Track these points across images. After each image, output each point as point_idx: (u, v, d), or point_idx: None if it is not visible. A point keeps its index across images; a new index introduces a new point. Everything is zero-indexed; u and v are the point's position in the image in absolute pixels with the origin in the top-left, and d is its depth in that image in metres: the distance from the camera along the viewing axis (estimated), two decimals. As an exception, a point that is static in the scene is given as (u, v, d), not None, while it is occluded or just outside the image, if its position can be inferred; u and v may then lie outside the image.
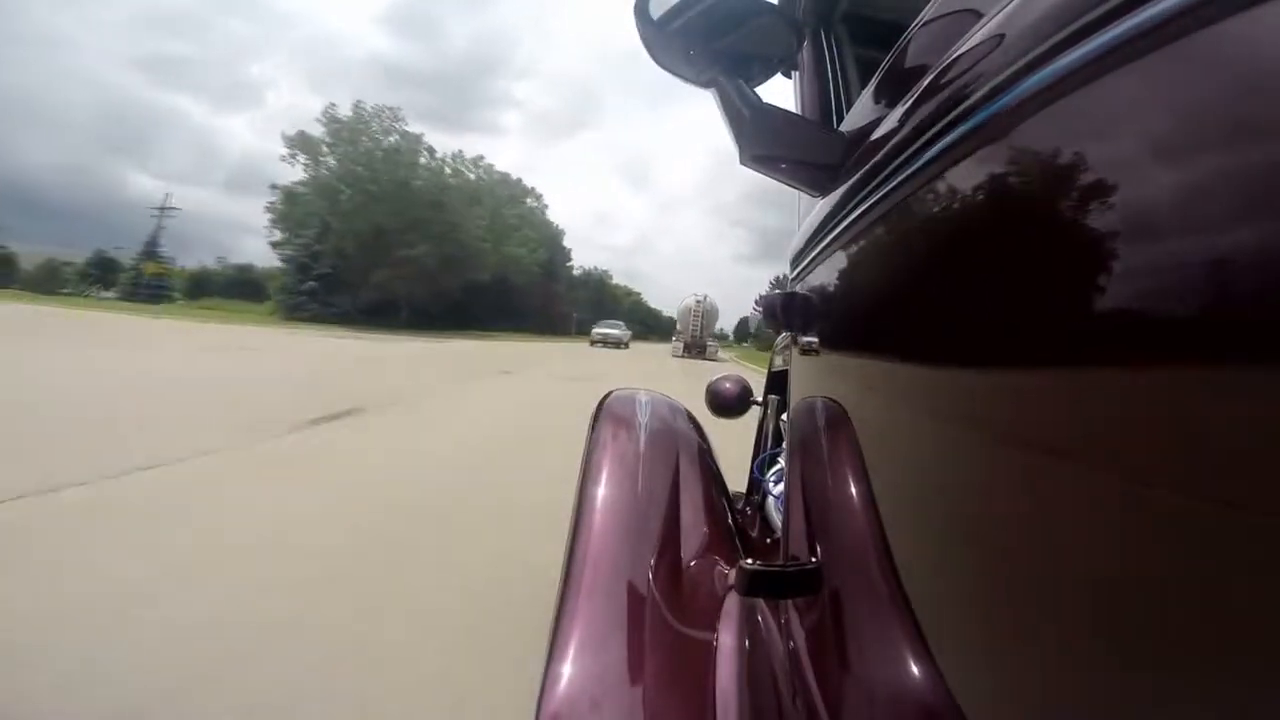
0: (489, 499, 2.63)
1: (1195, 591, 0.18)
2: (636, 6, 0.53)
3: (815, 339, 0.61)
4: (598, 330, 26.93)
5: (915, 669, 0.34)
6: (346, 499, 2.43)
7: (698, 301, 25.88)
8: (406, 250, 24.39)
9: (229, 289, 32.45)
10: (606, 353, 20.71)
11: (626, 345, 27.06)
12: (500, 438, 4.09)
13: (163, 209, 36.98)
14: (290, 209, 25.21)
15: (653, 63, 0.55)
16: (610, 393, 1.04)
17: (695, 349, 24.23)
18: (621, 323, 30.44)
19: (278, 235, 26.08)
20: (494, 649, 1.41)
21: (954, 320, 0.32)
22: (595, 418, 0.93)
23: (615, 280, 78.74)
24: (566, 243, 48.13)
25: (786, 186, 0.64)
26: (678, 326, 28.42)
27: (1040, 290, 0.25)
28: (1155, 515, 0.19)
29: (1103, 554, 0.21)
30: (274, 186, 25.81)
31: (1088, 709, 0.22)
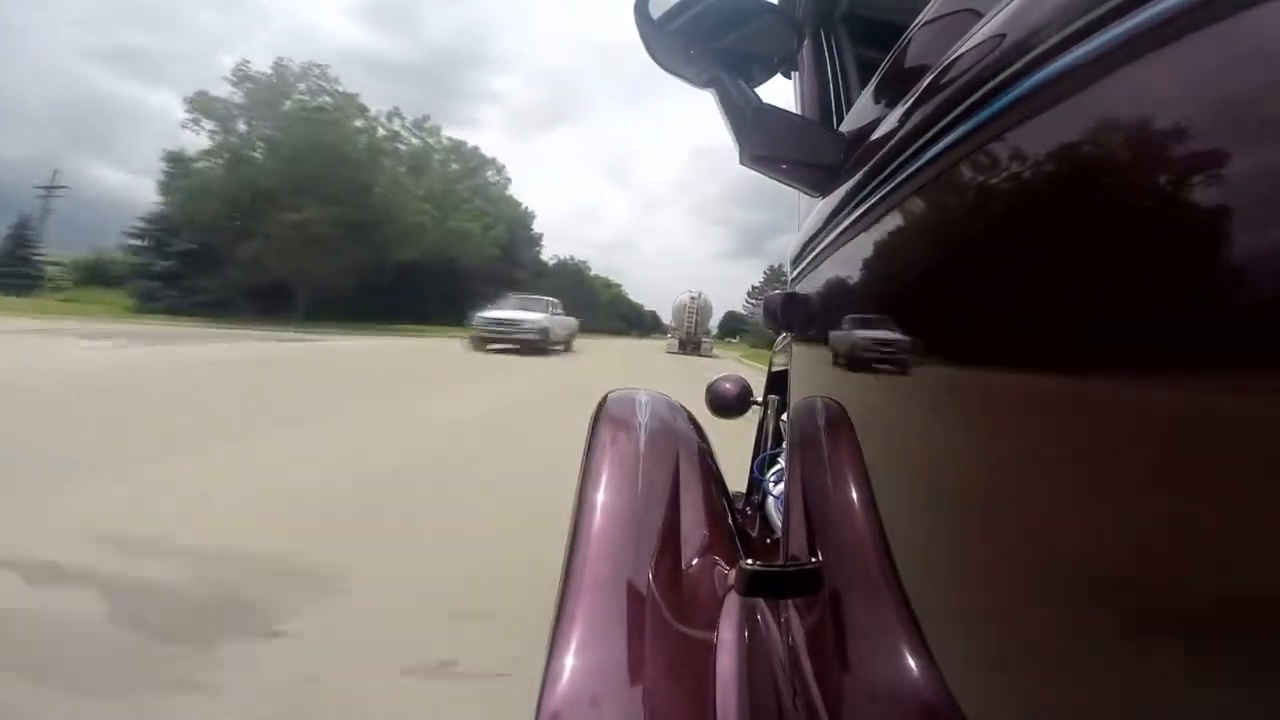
0: None
1: (1196, 592, 0.18)
2: (636, 6, 0.53)
3: (815, 339, 0.61)
4: (491, 316, 13.12)
5: (915, 669, 0.34)
6: None
7: (692, 298, 25.43)
8: (292, 215, 17.56)
9: (128, 277, 24.35)
10: (517, 370, 9.26)
11: (566, 346, 15.79)
12: None
13: (49, 188, 31.34)
14: (183, 181, 19.24)
15: (651, 62, 0.55)
16: (609, 393, 1.04)
17: (691, 345, 23.99)
18: (554, 300, 16.04)
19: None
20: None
21: (954, 320, 0.32)
22: (595, 418, 0.93)
23: (594, 272, 67.78)
24: (540, 229, 41.49)
25: (784, 186, 0.64)
26: (671, 323, 27.78)
27: (1041, 290, 0.25)
28: (1157, 515, 0.19)
29: (1104, 554, 0.21)
30: (167, 156, 19.91)
31: (1088, 709, 0.22)
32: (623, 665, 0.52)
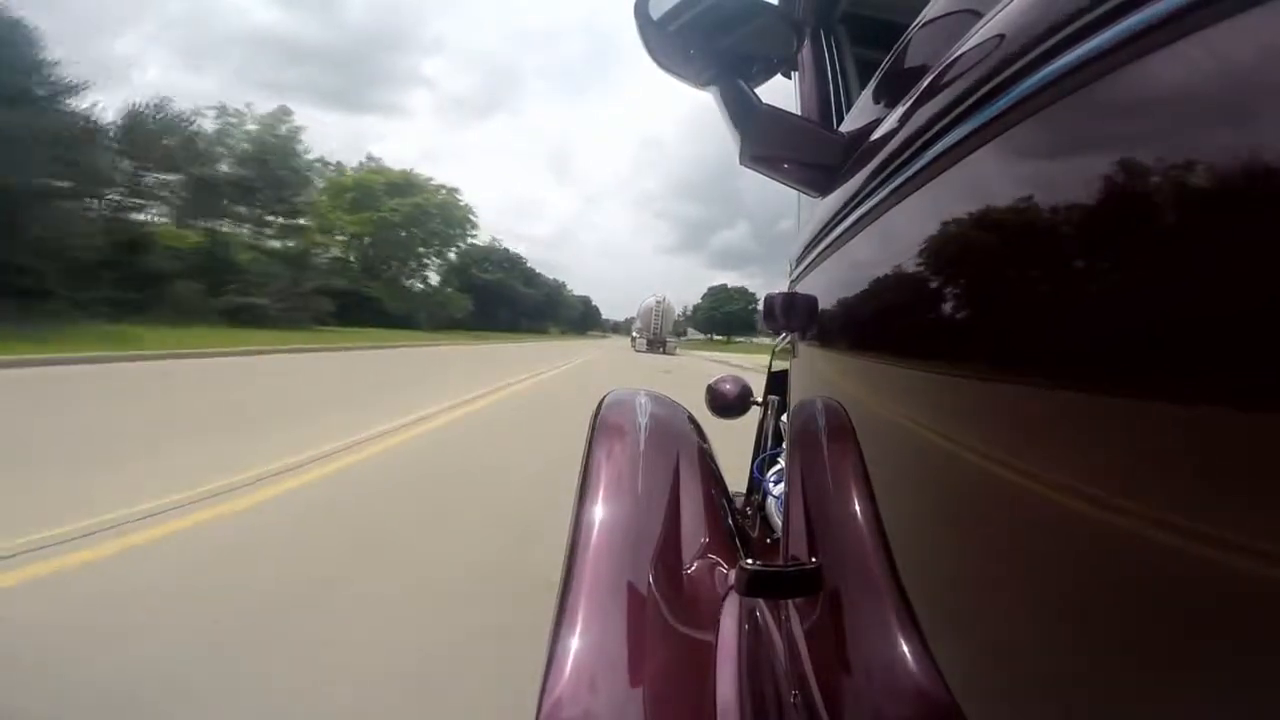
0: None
1: (1196, 592, 0.18)
2: (636, 7, 0.53)
3: (815, 339, 0.61)
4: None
5: (915, 669, 0.34)
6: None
7: (657, 302, 29.27)
8: None
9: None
10: None
11: None
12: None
13: None
14: None
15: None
16: (609, 393, 1.04)
17: (657, 345, 27.97)
18: None
19: None
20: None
21: (954, 321, 0.32)
22: (595, 418, 0.93)
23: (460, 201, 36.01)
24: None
25: (786, 186, 0.64)
26: (637, 323, 32.16)
27: (1040, 292, 0.25)
28: (1157, 517, 0.19)
29: (1103, 555, 0.21)
30: None
31: (1088, 709, 0.22)
32: (623, 666, 0.52)
